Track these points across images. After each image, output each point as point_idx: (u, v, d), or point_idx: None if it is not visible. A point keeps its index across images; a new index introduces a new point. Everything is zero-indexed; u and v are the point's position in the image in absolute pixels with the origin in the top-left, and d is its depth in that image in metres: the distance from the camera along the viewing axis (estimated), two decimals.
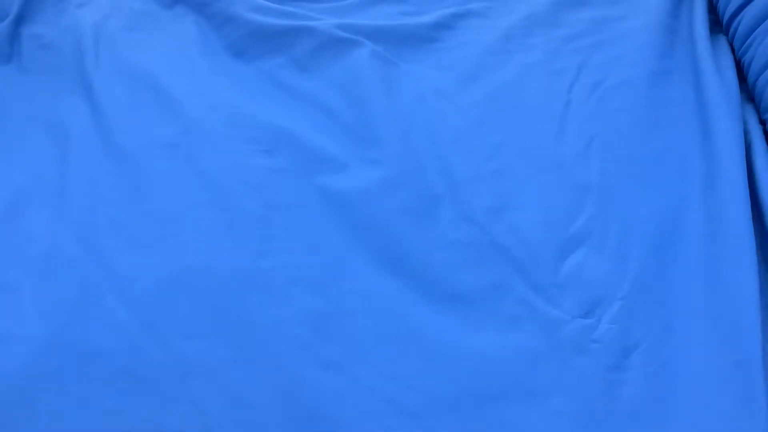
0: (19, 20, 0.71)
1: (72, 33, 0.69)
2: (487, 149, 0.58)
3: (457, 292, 0.50)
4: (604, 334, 0.47)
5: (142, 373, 0.45)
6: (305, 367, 0.45)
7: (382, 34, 0.67)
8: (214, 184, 0.54)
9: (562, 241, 0.52)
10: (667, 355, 0.46)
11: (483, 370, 0.46)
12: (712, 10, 0.70)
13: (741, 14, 0.66)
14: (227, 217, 0.52)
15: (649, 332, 0.47)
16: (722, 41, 0.67)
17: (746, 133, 0.59)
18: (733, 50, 0.67)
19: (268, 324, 0.47)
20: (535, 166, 0.57)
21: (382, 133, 0.59)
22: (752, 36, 0.64)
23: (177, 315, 0.47)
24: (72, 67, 0.66)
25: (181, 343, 0.46)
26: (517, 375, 0.46)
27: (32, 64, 0.68)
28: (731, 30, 0.67)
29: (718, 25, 0.69)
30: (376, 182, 0.55)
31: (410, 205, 0.54)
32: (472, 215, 0.54)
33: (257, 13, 0.69)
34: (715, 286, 0.49)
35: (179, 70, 0.65)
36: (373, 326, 0.48)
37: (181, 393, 0.44)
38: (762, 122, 0.61)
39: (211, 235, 0.51)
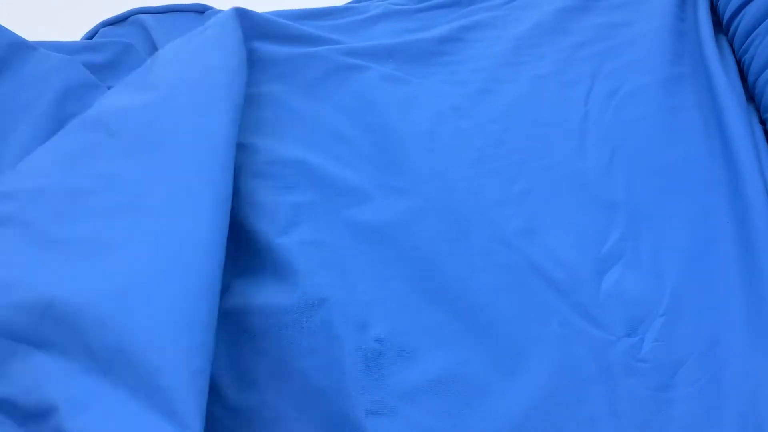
0: None
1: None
2: (511, 169, 0.57)
3: (501, 318, 0.49)
4: (650, 353, 0.48)
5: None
6: (362, 413, 0.44)
7: (391, 52, 0.65)
8: (242, 229, 0.51)
9: (598, 259, 0.52)
10: (713, 368, 0.47)
11: (535, 403, 0.46)
12: (713, 11, 0.70)
13: (741, 14, 0.67)
14: (265, 261, 0.50)
15: (694, 347, 0.48)
16: (724, 42, 0.68)
17: None
18: (733, 50, 0.68)
19: (321, 369, 0.45)
20: (560, 184, 0.56)
21: (403, 158, 0.57)
22: (752, 36, 0.65)
23: (229, 365, 0.46)
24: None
25: (238, 395, 0.45)
26: (570, 404, 0.46)
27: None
28: (731, 30, 0.68)
29: (718, 25, 0.70)
30: (404, 211, 0.54)
31: (441, 232, 0.53)
32: (505, 238, 0.53)
33: (254, 39, 0.65)
34: (751, 293, 0.50)
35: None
36: (422, 364, 0.47)
37: None
38: (762, 122, 0.63)
39: (253, 282, 0.49)
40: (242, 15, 0.60)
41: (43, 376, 0.37)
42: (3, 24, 0.71)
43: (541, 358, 0.48)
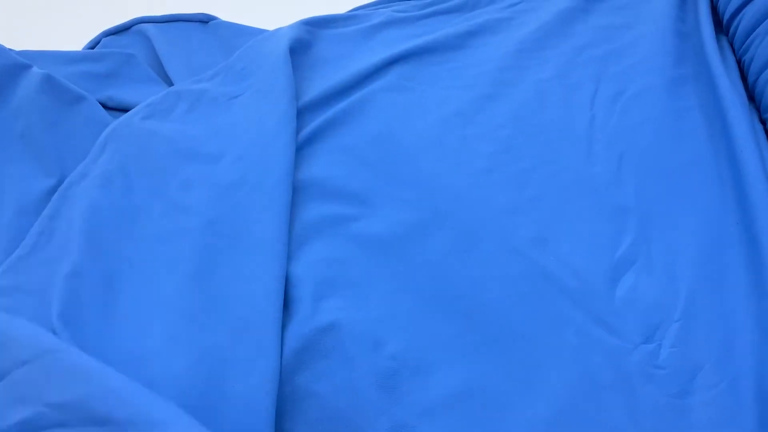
0: None
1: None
2: (519, 176, 0.56)
3: (516, 329, 0.49)
4: (668, 359, 0.47)
5: None
6: None
7: (395, 60, 0.64)
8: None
9: (611, 266, 0.52)
10: (731, 372, 0.46)
11: (554, 414, 0.45)
12: (714, 11, 0.70)
13: (741, 14, 0.67)
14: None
15: (711, 351, 0.47)
16: (725, 42, 0.68)
17: None
18: (733, 50, 0.68)
19: (337, 391, 0.45)
20: (570, 190, 0.56)
21: (409, 168, 0.57)
22: (752, 36, 0.65)
23: None
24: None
25: None
26: (589, 413, 0.45)
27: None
28: (731, 30, 0.68)
29: (718, 25, 0.70)
30: (413, 223, 0.53)
31: (451, 242, 0.53)
32: (516, 247, 0.53)
33: None
34: (760, 295, 0.50)
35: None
36: (439, 379, 0.47)
37: None
38: (762, 122, 0.63)
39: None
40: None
41: None
42: (5, 31, 0.71)
43: (558, 369, 0.47)
